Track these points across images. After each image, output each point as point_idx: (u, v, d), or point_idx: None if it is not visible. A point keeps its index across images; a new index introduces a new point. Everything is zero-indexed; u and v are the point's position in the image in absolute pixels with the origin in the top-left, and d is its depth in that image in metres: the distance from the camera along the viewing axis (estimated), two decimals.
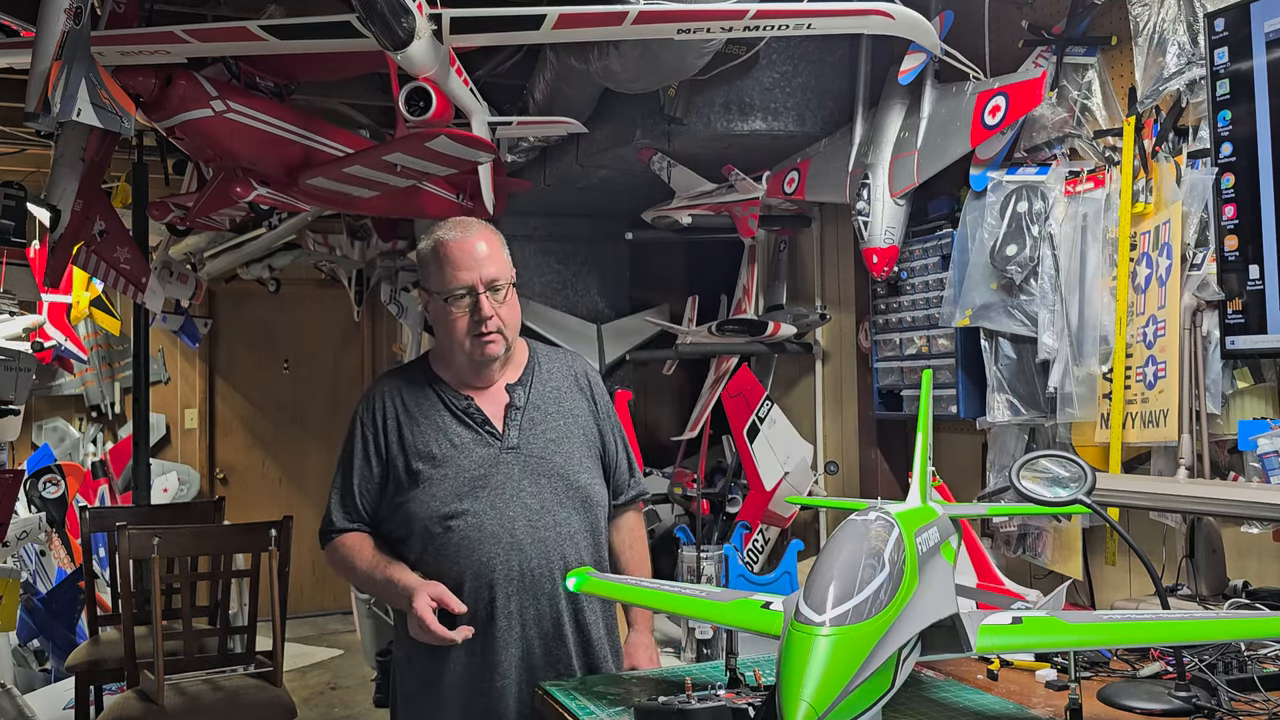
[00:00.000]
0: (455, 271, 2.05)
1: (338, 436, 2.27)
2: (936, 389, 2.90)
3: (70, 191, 3.08)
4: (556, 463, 2.11)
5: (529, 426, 2.12)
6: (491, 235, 2.11)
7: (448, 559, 2.03)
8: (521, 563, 2.03)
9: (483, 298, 2.05)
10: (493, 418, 2.11)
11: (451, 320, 2.07)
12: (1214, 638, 1.46)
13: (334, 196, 3.19)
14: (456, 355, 2.12)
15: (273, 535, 3.35)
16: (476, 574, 2.02)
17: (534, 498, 2.07)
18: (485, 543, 2.03)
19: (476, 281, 2.05)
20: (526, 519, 2.05)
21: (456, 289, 2.05)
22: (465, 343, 2.07)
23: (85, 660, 3.82)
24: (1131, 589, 2.55)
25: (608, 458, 2.24)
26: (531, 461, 2.09)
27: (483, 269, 2.05)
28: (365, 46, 2.35)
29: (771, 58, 3.32)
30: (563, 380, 2.22)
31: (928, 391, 1.87)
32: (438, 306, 2.09)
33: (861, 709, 1.10)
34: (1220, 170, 2.18)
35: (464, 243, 2.06)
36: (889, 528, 1.24)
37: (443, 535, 2.03)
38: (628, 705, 1.70)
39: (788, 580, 3.17)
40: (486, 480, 2.06)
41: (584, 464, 2.16)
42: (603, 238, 4.77)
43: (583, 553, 2.11)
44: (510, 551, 2.03)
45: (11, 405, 3.98)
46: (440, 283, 2.07)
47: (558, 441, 2.13)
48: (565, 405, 2.18)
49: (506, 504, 2.05)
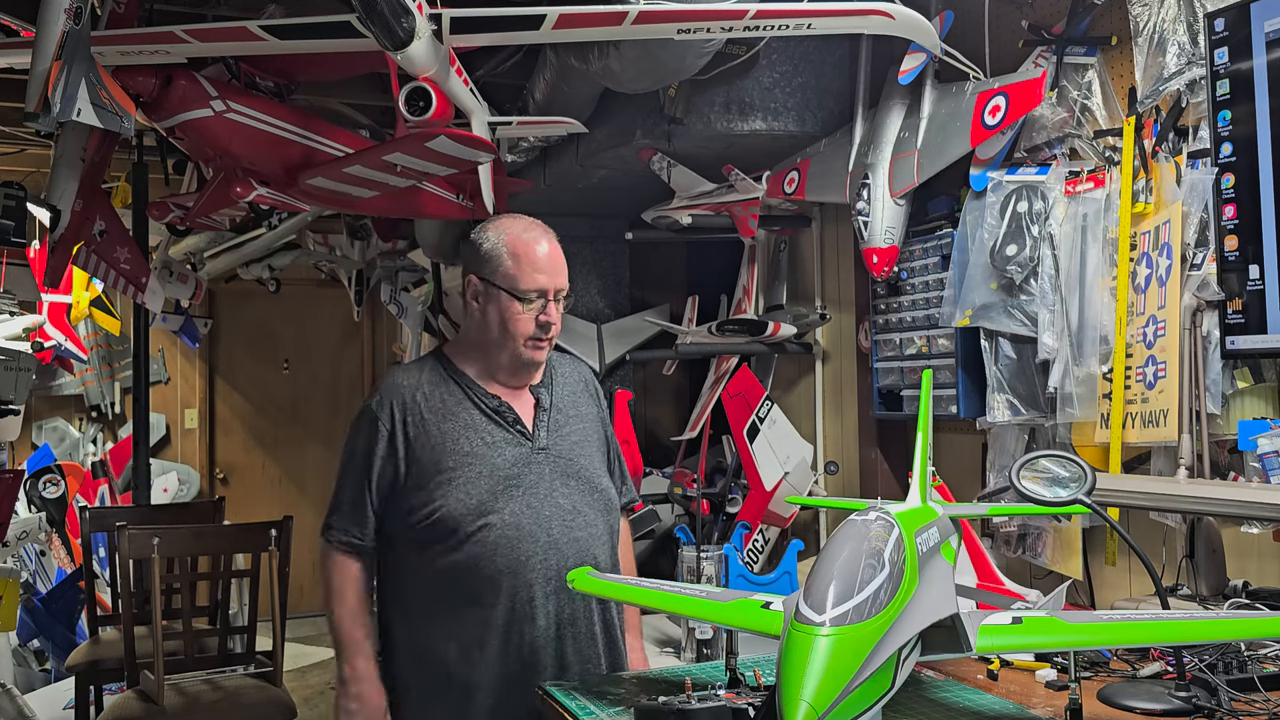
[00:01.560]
0: (533, 274, 2.06)
1: (338, 436, 2.27)
2: (936, 389, 2.91)
3: (70, 191, 3.08)
4: (582, 465, 2.14)
5: (555, 428, 2.14)
6: (558, 245, 2.15)
7: (485, 557, 2.01)
8: (559, 563, 2.04)
9: (552, 304, 2.09)
10: (524, 418, 2.11)
11: (515, 318, 2.07)
12: (1214, 638, 1.46)
13: (334, 196, 3.18)
14: (499, 352, 2.11)
15: (273, 535, 3.35)
16: (515, 572, 2.02)
17: (566, 499, 2.08)
18: (523, 542, 2.02)
19: (550, 288, 2.08)
20: (561, 519, 2.07)
21: (531, 291, 2.06)
22: (521, 342, 2.08)
23: (85, 660, 3.82)
24: (1131, 589, 2.55)
25: (611, 463, 2.26)
26: (561, 463, 2.11)
27: (558, 277, 2.10)
28: (365, 46, 2.35)
29: (771, 58, 3.32)
30: (576, 385, 2.24)
31: (928, 391, 1.86)
32: (499, 302, 2.08)
33: (861, 709, 1.10)
34: (1220, 170, 2.18)
35: (548, 247, 2.09)
36: (889, 528, 1.24)
37: (479, 534, 2.01)
38: (628, 705, 1.69)
39: (788, 580, 3.17)
40: (519, 480, 2.05)
41: (601, 467, 2.19)
42: (603, 238, 4.77)
43: (609, 554, 2.14)
44: (548, 551, 2.04)
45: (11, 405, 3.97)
46: (513, 281, 2.06)
47: (580, 445, 2.16)
48: (581, 409, 2.21)
49: (541, 504, 2.06)
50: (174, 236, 5.70)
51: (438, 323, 5.70)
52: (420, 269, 5.84)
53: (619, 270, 4.90)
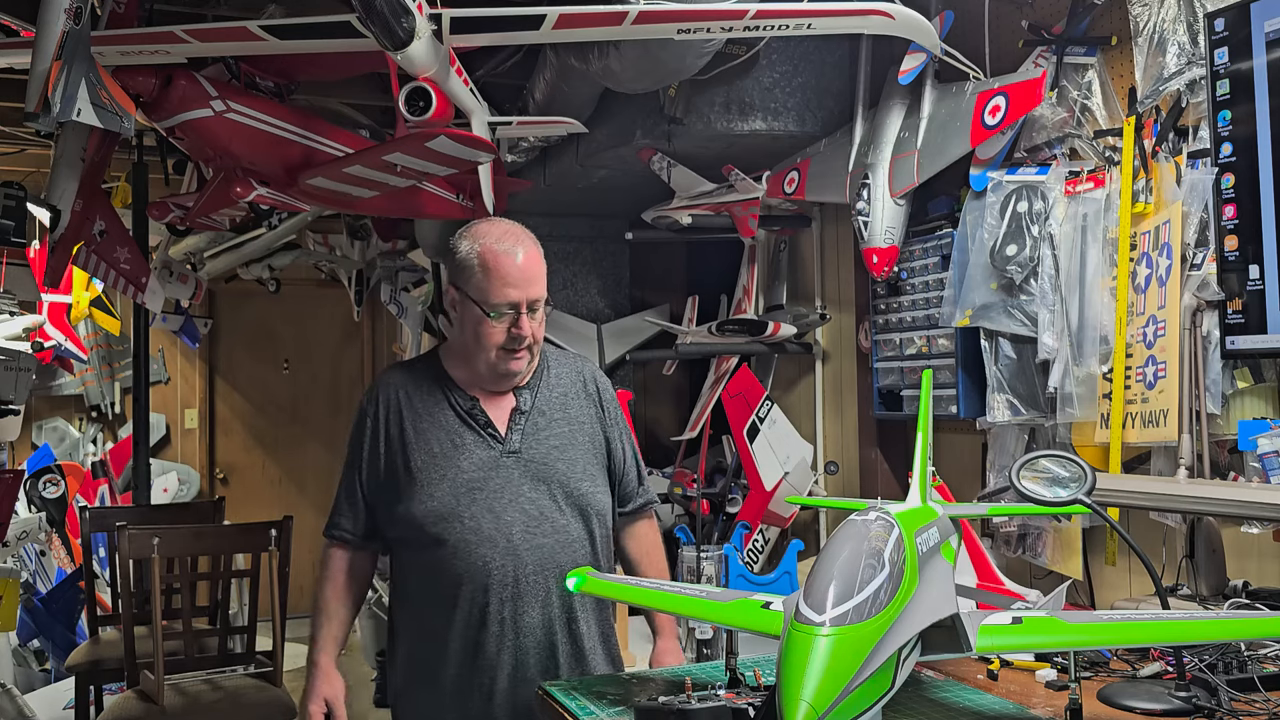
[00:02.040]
0: (502, 288, 2.01)
1: (338, 436, 2.29)
2: (936, 389, 2.91)
3: (70, 191, 3.08)
4: (558, 469, 2.09)
5: (532, 431, 2.10)
6: (538, 252, 2.07)
7: (445, 560, 2.02)
8: (517, 569, 2.02)
9: (523, 317, 2.03)
10: (496, 420, 2.09)
11: (485, 332, 2.03)
12: (1214, 638, 1.45)
13: (334, 196, 3.18)
14: (478, 362, 2.08)
15: (273, 535, 3.35)
16: (472, 578, 2.01)
17: (532, 504, 2.05)
18: (481, 546, 2.01)
19: (521, 301, 2.02)
20: (524, 524, 2.03)
21: (501, 305, 2.02)
22: (493, 354, 2.05)
23: (85, 660, 3.82)
24: (1131, 589, 2.55)
25: (614, 465, 2.22)
26: (532, 466, 2.07)
27: (529, 289, 2.03)
28: (365, 46, 2.35)
29: (771, 58, 3.32)
30: (571, 385, 2.19)
31: (928, 391, 1.86)
32: (472, 314, 2.05)
33: (861, 709, 1.10)
34: (1220, 170, 2.18)
35: (515, 259, 2.02)
36: (889, 528, 1.24)
37: (438, 538, 2.02)
38: (628, 705, 1.69)
39: (788, 580, 3.17)
40: (484, 483, 2.04)
41: (587, 471, 2.13)
42: (603, 238, 4.77)
43: (586, 559, 2.09)
44: (505, 557, 2.01)
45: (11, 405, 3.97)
46: (483, 294, 2.02)
47: (561, 448, 2.11)
48: (571, 411, 2.16)
49: (504, 508, 2.03)
50: (174, 236, 5.70)
51: (438, 323, 5.70)
52: (420, 269, 5.84)
53: (619, 270, 4.90)
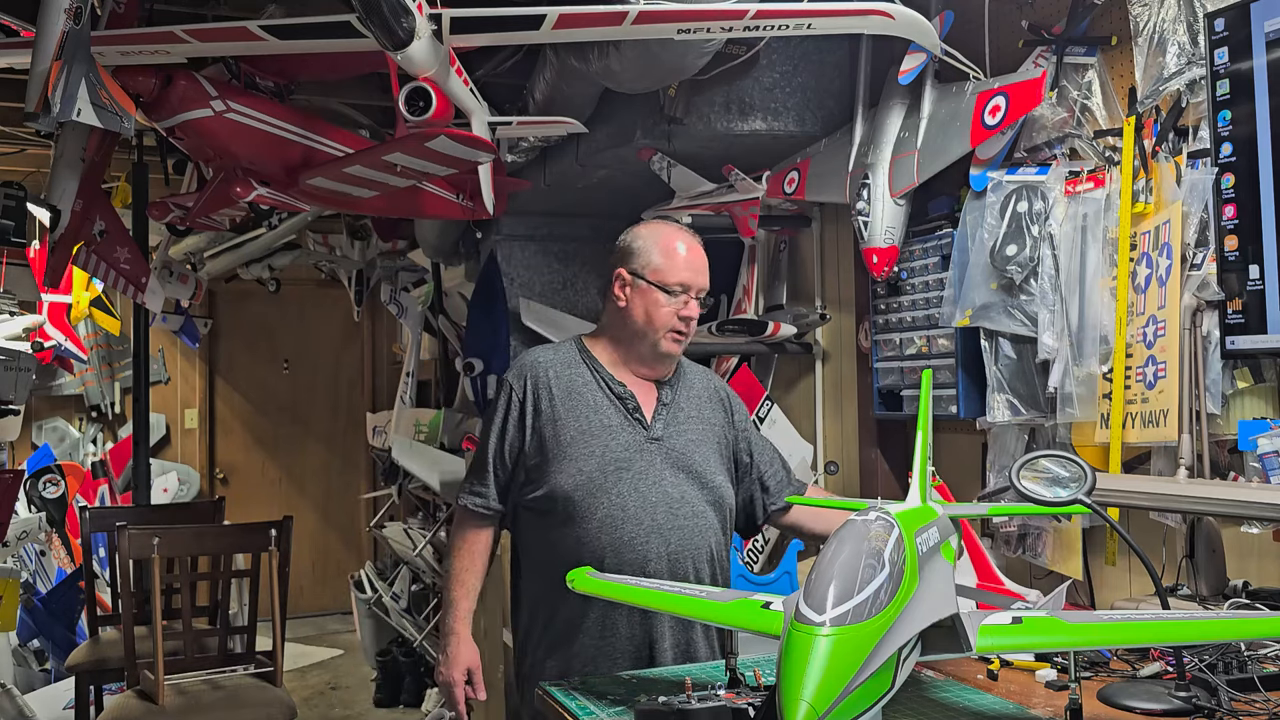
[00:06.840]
0: (685, 271, 2.25)
1: (338, 436, 2.32)
2: (936, 389, 2.90)
3: (70, 191, 3.08)
4: (695, 460, 2.24)
5: (673, 422, 2.26)
6: (701, 249, 2.32)
7: (590, 535, 2.14)
8: (661, 548, 2.15)
9: (694, 302, 2.26)
10: (644, 407, 2.25)
11: (659, 309, 2.23)
12: (1214, 638, 1.46)
13: (334, 196, 3.19)
14: (639, 343, 2.26)
15: (273, 535, 3.35)
16: (617, 552, 2.12)
17: (674, 488, 2.19)
18: (628, 524, 2.14)
19: (694, 286, 2.26)
20: (668, 506, 2.17)
21: (678, 285, 2.24)
22: (660, 332, 2.24)
23: (85, 660, 3.82)
24: (1131, 589, 2.55)
25: (742, 469, 2.37)
26: (673, 455, 2.22)
27: (702, 277, 2.29)
28: (365, 46, 2.35)
29: (771, 58, 3.31)
30: (703, 391, 2.37)
31: (928, 391, 1.86)
32: (647, 294, 2.24)
33: (861, 709, 1.10)
34: (1220, 170, 2.18)
35: (691, 248, 2.28)
36: (889, 528, 1.24)
37: (586, 511, 2.14)
38: (628, 705, 1.70)
39: (788, 580, 3.17)
40: (630, 464, 2.18)
41: (717, 468, 2.29)
42: (603, 238, 4.75)
43: (716, 546, 2.24)
44: (652, 535, 2.15)
45: (11, 405, 3.98)
46: (665, 274, 2.24)
47: (696, 443, 2.27)
48: (705, 414, 2.33)
49: (649, 489, 2.17)
50: (174, 236, 5.70)
51: (438, 323, 5.70)
52: (420, 269, 5.84)
53: None
